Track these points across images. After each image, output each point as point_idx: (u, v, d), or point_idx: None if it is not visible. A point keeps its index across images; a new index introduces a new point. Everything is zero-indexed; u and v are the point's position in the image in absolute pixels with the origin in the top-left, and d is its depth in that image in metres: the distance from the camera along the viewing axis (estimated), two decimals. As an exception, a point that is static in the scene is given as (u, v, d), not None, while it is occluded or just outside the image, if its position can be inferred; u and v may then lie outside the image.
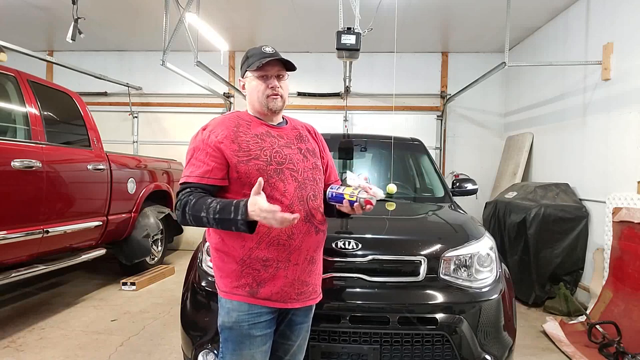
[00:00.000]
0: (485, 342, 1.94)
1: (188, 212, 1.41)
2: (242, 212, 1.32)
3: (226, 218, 1.34)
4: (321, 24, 5.29)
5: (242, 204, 1.33)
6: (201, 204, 1.39)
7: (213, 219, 1.36)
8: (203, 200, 1.40)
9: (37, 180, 3.17)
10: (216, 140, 1.47)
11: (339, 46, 3.34)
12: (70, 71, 5.41)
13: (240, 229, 1.34)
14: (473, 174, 4.82)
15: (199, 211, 1.38)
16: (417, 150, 3.63)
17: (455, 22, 5.32)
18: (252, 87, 1.57)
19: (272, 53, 1.53)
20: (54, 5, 4.90)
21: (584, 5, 4.33)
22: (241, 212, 1.32)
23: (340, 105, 6.55)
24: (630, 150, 3.58)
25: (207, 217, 1.37)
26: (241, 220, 1.32)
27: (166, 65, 4.55)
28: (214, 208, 1.36)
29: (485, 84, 5.36)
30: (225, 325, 1.50)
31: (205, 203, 1.39)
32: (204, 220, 1.39)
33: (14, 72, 3.28)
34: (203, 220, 1.38)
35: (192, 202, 1.40)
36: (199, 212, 1.38)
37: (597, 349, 2.98)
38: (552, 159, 4.91)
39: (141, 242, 4.64)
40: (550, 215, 3.95)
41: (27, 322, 3.40)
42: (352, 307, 1.90)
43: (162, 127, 6.83)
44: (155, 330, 3.34)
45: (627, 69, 3.66)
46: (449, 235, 2.21)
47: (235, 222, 1.33)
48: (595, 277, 3.76)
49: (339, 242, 2.02)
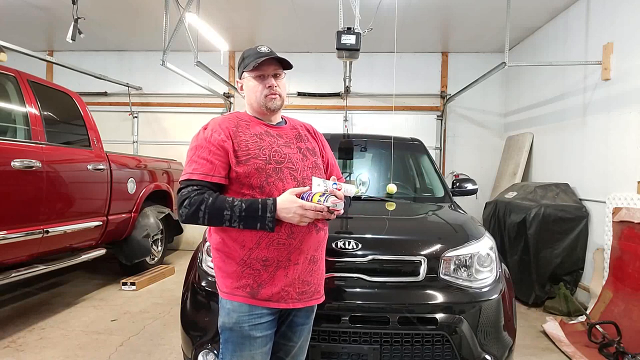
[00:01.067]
0: (485, 342, 1.94)
1: (205, 209, 1.39)
2: (272, 210, 1.37)
3: (253, 215, 1.38)
4: (321, 24, 5.29)
5: (270, 202, 1.39)
6: (222, 202, 1.40)
7: (238, 216, 1.38)
8: (223, 198, 1.42)
9: (37, 180, 3.17)
10: (220, 139, 1.47)
11: (339, 46, 3.34)
12: (70, 71, 5.42)
13: (266, 227, 1.39)
14: (473, 174, 4.82)
15: (221, 209, 1.39)
16: (417, 150, 3.63)
17: (455, 22, 5.32)
18: (250, 88, 1.57)
19: (268, 52, 1.54)
20: (54, 5, 4.90)
21: (584, 5, 4.33)
22: (270, 209, 1.38)
23: (340, 105, 6.55)
24: (630, 150, 3.58)
25: (230, 214, 1.38)
26: (270, 217, 1.37)
27: (166, 65, 4.55)
28: (239, 206, 1.39)
29: (485, 84, 5.36)
30: (226, 326, 1.50)
31: (227, 201, 1.40)
32: (225, 218, 1.39)
33: (14, 72, 3.28)
34: (225, 217, 1.39)
35: (209, 201, 1.40)
36: (221, 210, 1.39)
37: (597, 349, 2.98)
38: (552, 159, 4.91)
39: (141, 242, 4.64)
40: (550, 215, 3.95)
41: (27, 322, 3.40)
42: (352, 307, 1.90)
43: (162, 127, 6.83)
44: (155, 330, 3.34)
45: (627, 69, 3.66)
46: (449, 235, 2.21)
47: (262, 219, 1.38)
48: (595, 277, 3.76)
49: (339, 242, 2.02)
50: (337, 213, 1.43)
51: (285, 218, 1.39)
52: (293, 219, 1.38)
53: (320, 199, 1.39)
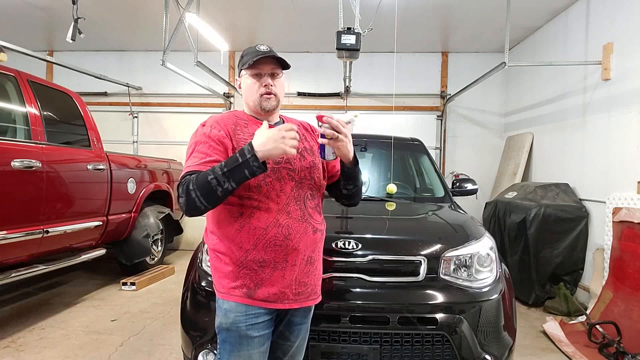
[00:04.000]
0: (485, 342, 1.93)
1: (193, 188, 1.34)
2: (249, 150, 1.31)
3: (235, 166, 1.31)
4: (321, 24, 5.29)
5: (246, 145, 1.33)
6: (205, 173, 1.34)
7: (222, 175, 1.31)
8: (205, 171, 1.36)
9: (37, 180, 3.17)
10: (220, 135, 1.47)
11: (339, 46, 3.34)
12: (70, 71, 5.42)
13: (255, 171, 1.31)
14: (473, 174, 4.81)
15: (205, 178, 1.32)
16: (417, 150, 3.62)
17: (455, 22, 5.32)
18: (247, 86, 1.57)
19: (266, 51, 1.53)
20: (54, 5, 4.90)
21: (584, 5, 4.33)
22: (247, 150, 1.31)
23: (340, 105, 6.54)
24: (630, 150, 3.58)
25: (215, 178, 1.31)
26: (251, 157, 1.30)
27: (166, 65, 4.56)
28: (220, 166, 1.32)
29: (485, 84, 5.35)
30: (223, 327, 1.49)
31: (208, 171, 1.35)
32: (212, 184, 1.31)
33: (14, 72, 3.28)
34: (212, 184, 1.31)
35: (194, 179, 1.35)
36: (205, 179, 1.32)
37: (597, 349, 2.98)
38: (552, 159, 4.91)
39: (141, 242, 4.64)
40: (550, 215, 3.95)
41: (27, 322, 3.40)
42: (352, 307, 1.90)
43: (162, 127, 6.83)
44: (155, 330, 3.34)
45: (627, 69, 3.66)
46: (449, 235, 2.20)
47: (246, 164, 1.30)
48: (595, 277, 3.76)
49: (339, 242, 2.02)
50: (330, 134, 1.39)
51: (270, 153, 1.31)
52: (276, 149, 1.30)
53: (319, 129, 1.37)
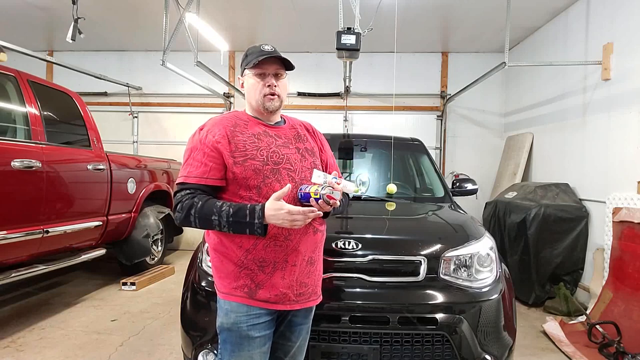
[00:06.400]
0: (485, 342, 1.93)
1: (194, 214, 1.40)
2: (259, 216, 1.35)
3: (241, 221, 1.36)
4: (321, 24, 5.29)
5: (258, 208, 1.36)
6: (211, 207, 1.39)
7: (226, 221, 1.37)
8: (212, 202, 1.40)
9: (37, 180, 3.17)
10: (214, 140, 1.46)
11: (339, 46, 3.34)
12: (70, 71, 5.41)
13: (255, 232, 1.37)
14: (473, 174, 4.81)
15: (209, 214, 1.38)
16: (417, 150, 3.63)
17: (455, 22, 5.32)
18: (250, 85, 1.56)
19: (271, 51, 1.52)
20: (54, 5, 4.90)
21: (584, 5, 4.33)
22: (257, 215, 1.35)
23: (340, 105, 6.54)
24: (630, 150, 3.58)
25: (218, 220, 1.37)
26: (258, 223, 1.35)
27: (166, 65, 4.55)
28: (227, 212, 1.37)
29: (485, 84, 5.35)
30: (224, 327, 1.49)
31: (215, 206, 1.39)
32: (214, 223, 1.38)
33: (14, 72, 3.28)
34: (214, 223, 1.38)
35: (198, 205, 1.39)
36: (209, 215, 1.38)
37: (597, 349, 2.98)
38: (552, 159, 4.91)
39: (141, 242, 4.64)
40: (550, 215, 3.95)
41: (27, 322, 3.40)
42: (352, 307, 1.90)
43: (162, 127, 6.83)
44: (155, 330, 3.34)
45: (627, 69, 3.66)
46: (449, 235, 2.20)
47: (251, 225, 1.36)
48: (595, 277, 3.76)
49: (339, 242, 2.02)
50: (334, 204, 1.39)
51: (276, 224, 1.36)
52: (284, 224, 1.35)
53: (318, 189, 1.39)
